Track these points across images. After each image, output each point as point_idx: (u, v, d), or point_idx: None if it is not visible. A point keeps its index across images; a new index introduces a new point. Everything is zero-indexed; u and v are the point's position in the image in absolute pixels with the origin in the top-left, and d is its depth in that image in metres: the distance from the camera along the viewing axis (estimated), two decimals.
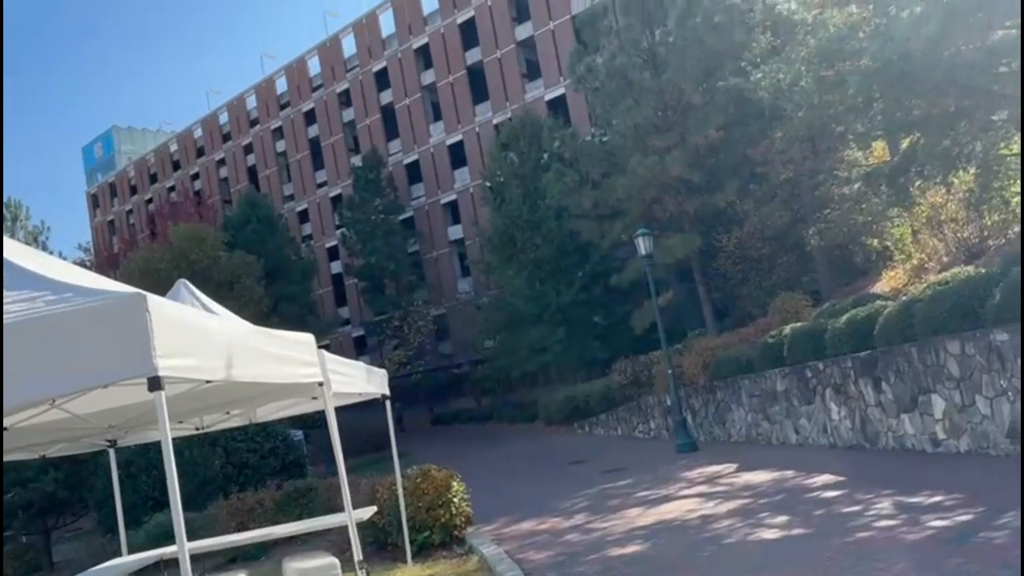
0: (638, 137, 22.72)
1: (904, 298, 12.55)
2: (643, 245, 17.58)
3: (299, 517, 12.73)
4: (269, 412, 8.99)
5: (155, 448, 19.41)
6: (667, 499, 10.78)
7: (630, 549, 8.03)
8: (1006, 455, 8.76)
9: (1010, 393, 8.75)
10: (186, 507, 13.66)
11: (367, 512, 8.73)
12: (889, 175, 13.31)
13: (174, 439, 13.20)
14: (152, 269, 33.33)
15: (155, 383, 3.23)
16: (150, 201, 65.80)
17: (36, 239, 40.50)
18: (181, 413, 6.65)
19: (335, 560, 7.41)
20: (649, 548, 7.93)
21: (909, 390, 10.70)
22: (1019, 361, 8.47)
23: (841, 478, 9.84)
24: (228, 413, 8.34)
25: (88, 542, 18.06)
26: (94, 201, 74.23)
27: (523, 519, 11.34)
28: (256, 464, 19.55)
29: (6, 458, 7.37)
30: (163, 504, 17.70)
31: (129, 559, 8.74)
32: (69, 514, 21.72)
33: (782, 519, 8.08)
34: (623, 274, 25.87)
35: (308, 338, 6.13)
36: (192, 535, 14.23)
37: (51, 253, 40.47)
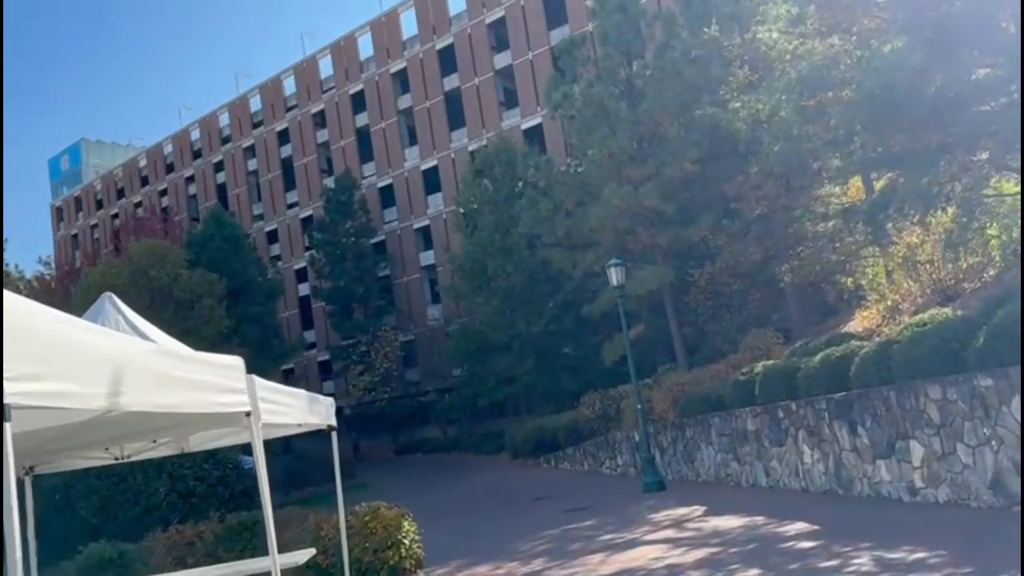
0: (613, 167, 22.39)
1: (881, 338, 12.16)
2: (615, 276, 17.11)
3: (243, 552, 11.88)
4: (203, 440, 8.27)
5: (96, 472, 18.44)
6: (631, 544, 10.16)
7: None
8: (988, 507, 8.27)
9: (993, 442, 8.29)
10: (124, 536, 12.74)
11: (304, 555, 8.00)
12: (867, 212, 12.99)
13: (94, 468, 12.19)
14: (110, 284, 32.17)
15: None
16: (116, 216, 64.47)
17: None
18: (94, 441, 5.94)
19: None
20: None
21: (886, 435, 10.22)
22: (1004, 407, 8.02)
23: (815, 527, 9.30)
24: (155, 441, 7.61)
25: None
26: (58, 214, 72.63)
27: (478, 562, 10.64)
28: (203, 492, 18.63)
29: None
30: (102, 532, 16.72)
31: None
32: None
33: (754, 572, 7.49)
34: (594, 305, 25.40)
35: (235, 361, 5.47)
36: (125, 569, 13.34)
37: (7, 265, 39.26)
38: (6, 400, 2.58)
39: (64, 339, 3.16)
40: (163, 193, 64.23)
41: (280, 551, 10.60)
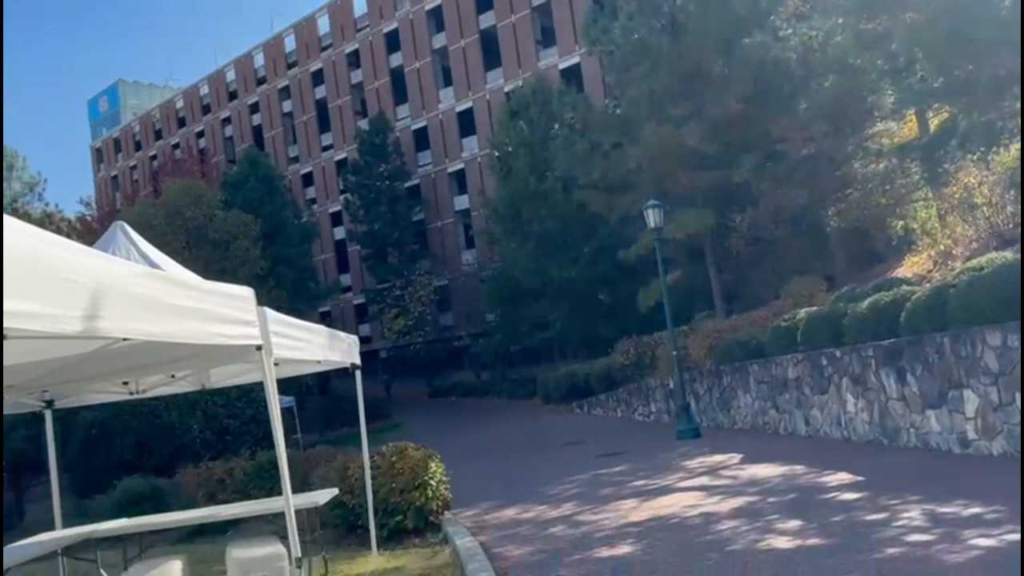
0: (653, 105, 21.53)
1: (933, 284, 11.52)
2: (653, 218, 16.52)
3: (272, 490, 11.83)
4: (224, 377, 8.04)
5: (131, 410, 18.61)
6: (665, 491, 9.83)
7: (620, 550, 7.08)
8: None
9: None
10: (158, 472, 12.72)
11: (325, 495, 7.79)
12: (924, 149, 12.19)
13: (129, 406, 12.21)
14: (147, 224, 32.32)
15: None
16: (154, 158, 64.77)
17: (32, 189, 39.67)
18: (105, 373, 5.67)
19: (282, 550, 6.47)
20: (642, 550, 6.98)
21: (938, 384, 9.68)
22: None
23: (859, 478, 8.85)
24: (173, 376, 7.39)
25: (61, 503, 17.25)
26: (98, 155, 73.25)
27: (507, 504, 10.42)
28: (236, 431, 18.74)
29: None
30: (136, 468, 16.90)
31: (55, 535, 7.83)
32: (42, 472, 20.96)
33: (795, 524, 7.11)
34: (630, 250, 24.76)
35: (244, 291, 5.12)
36: (158, 503, 13.43)
37: (48, 205, 39.68)
38: None
39: (31, 256, 2.79)
40: (200, 135, 64.27)
41: (308, 489, 10.51)
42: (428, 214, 49.77)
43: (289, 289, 35.92)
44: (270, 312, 5.42)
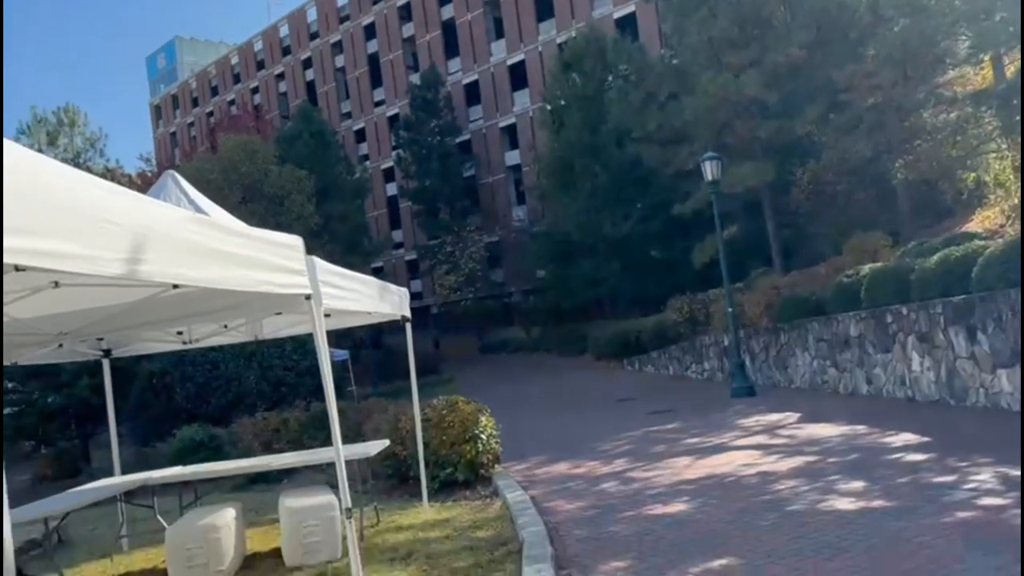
0: (711, 53, 20.79)
1: (1008, 238, 10.94)
2: (710, 170, 16.02)
3: (325, 440, 11.99)
4: (277, 328, 8.06)
5: (190, 360, 19.04)
6: (719, 449, 9.63)
7: (674, 508, 6.93)
8: None
9: None
10: (216, 421, 12.96)
11: (376, 447, 7.79)
12: (1001, 96, 11.48)
13: (189, 356, 12.46)
14: (204, 180, 32.78)
15: None
16: (211, 114, 65.58)
17: (93, 145, 40.51)
18: (155, 321, 5.67)
19: (333, 500, 6.50)
20: (696, 508, 6.82)
21: (1010, 342, 9.23)
22: None
23: (925, 438, 8.52)
24: (226, 327, 7.41)
25: (122, 450, 17.84)
26: (157, 112, 74.46)
27: (558, 459, 10.35)
28: (292, 382, 19.01)
29: None
30: (195, 417, 17.32)
31: (114, 481, 8.01)
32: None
33: (858, 485, 6.86)
34: (685, 205, 24.19)
35: (293, 240, 5.04)
36: (215, 451, 13.73)
37: (108, 161, 40.53)
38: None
39: (69, 196, 2.70)
40: (255, 91, 64.76)
41: (361, 441, 10.59)
42: (479, 170, 49.48)
43: (342, 245, 36.22)
44: (319, 261, 5.33)
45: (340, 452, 5.35)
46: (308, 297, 5.12)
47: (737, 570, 5.05)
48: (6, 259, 2.27)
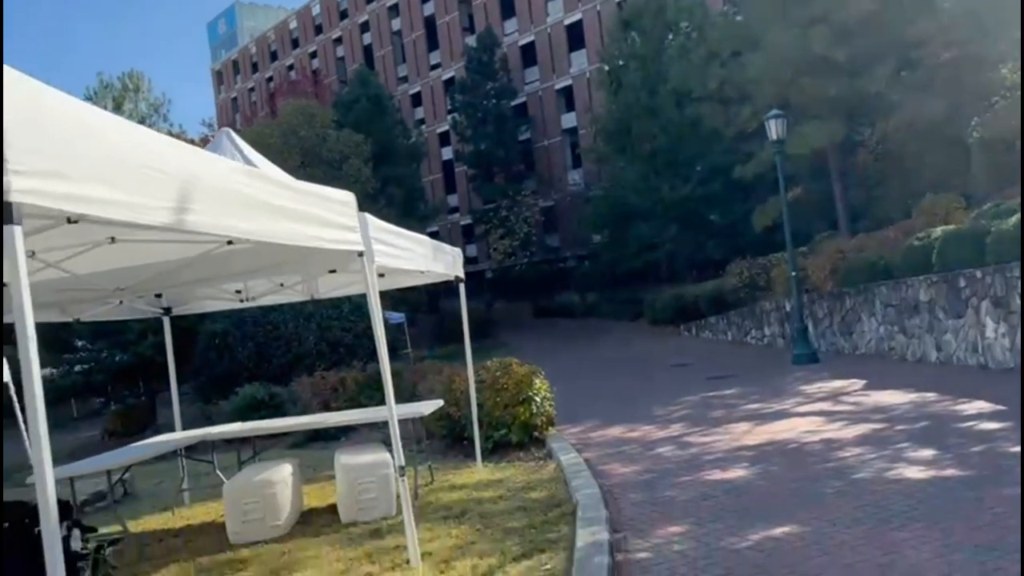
0: (777, 8, 19.97)
1: None
2: (775, 129, 15.47)
3: (382, 399, 12.09)
4: (332, 288, 8.07)
5: (252, 320, 19.42)
6: (781, 415, 9.37)
7: (733, 473, 6.76)
8: None
9: None
10: (276, 380, 13.17)
11: (429, 406, 7.78)
12: None
13: (250, 316, 12.62)
14: (264, 144, 33.16)
15: (6, 212, 2.09)
16: (270, 79, 66.19)
17: (157, 111, 41.30)
18: (209, 278, 5.67)
19: (388, 458, 6.51)
20: (757, 475, 6.63)
21: None
22: None
23: (1000, 407, 8.13)
24: (282, 285, 7.44)
25: (186, 408, 18.38)
26: (218, 78, 75.50)
27: (613, 423, 10.23)
28: (350, 343, 19.25)
29: (41, 317, 6.72)
30: (256, 376, 17.68)
31: (175, 436, 8.18)
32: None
33: (927, 453, 6.58)
34: (747, 167, 23.51)
35: (345, 196, 4.96)
36: (275, 409, 13.98)
37: (171, 126, 41.34)
38: (14, 199, 2.07)
39: (116, 142, 2.63)
40: (313, 55, 65.05)
41: (416, 400, 10.63)
42: (535, 133, 48.99)
43: (398, 209, 36.37)
44: (371, 218, 5.26)
45: (393, 411, 5.32)
46: (360, 254, 5.06)
47: (800, 538, 4.88)
48: (46, 204, 2.22)
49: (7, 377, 10.51)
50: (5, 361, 10.63)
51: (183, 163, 3.06)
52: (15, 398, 10.74)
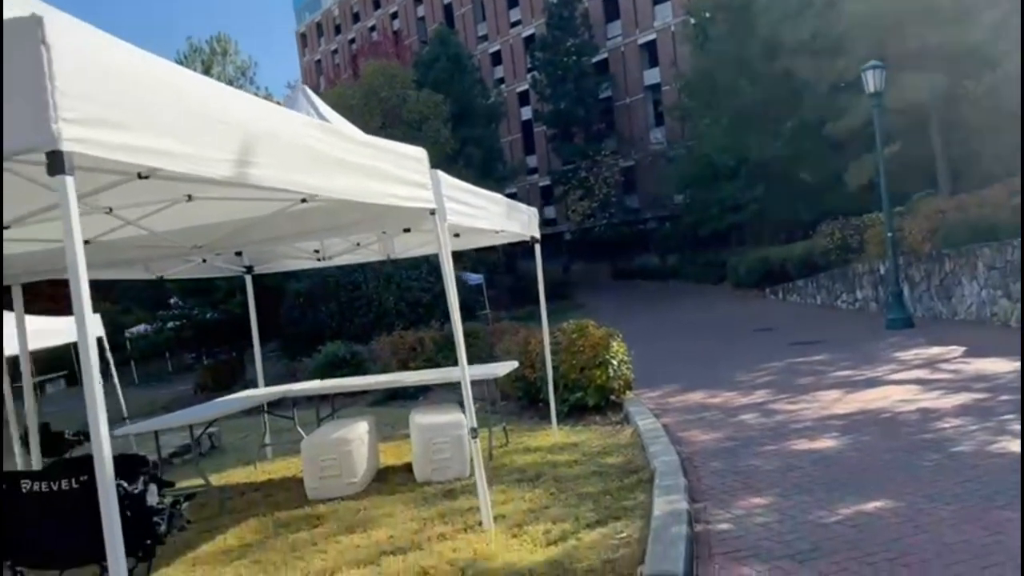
0: None
1: None
2: (872, 80, 14.58)
3: (457, 361, 12.13)
4: (409, 247, 8.01)
5: (335, 280, 19.77)
6: (873, 383, 8.92)
7: (822, 443, 6.44)
8: None
9: None
10: (357, 339, 13.39)
11: (504, 368, 7.68)
12: None
13: (333, 277, 12.80)
14: (345, 105, 33.50)
15: (56, 162, 2.02)
16: (353, 41, 66.70)
17: (244, 73, 42.20)
18: (283, 236, 5.61)
19: (462, 419, 6.45)
20: (847, 445, 6.30)
21: None
22: None
23: None
24: (358, 245, 7.42)
25: (272, 364, 18.95)
26: (303, 40, 76.55)
27: (693, 388, 9.96)
28: (428, 303, 19.41)
29: (113, 274, 6.90)
30: (339, 334, 18.04)
31: (257, 392, 8.34)
32: (262, 335, 23.00)
33: None
34: (841, 122, 22.35)
35: (417, 152, 4.84)
36: (356, 367, 14.21)
37: (257, 89, 42.19)
38: (65, 147, 1.99)
39: (176, 92, 2.54)
40: (394, 16, 65.15)
41: (493, 361, 10.59)
42: (616, 91, 47.96)
43: (476, 170, 36.30)
44: (444, 176, 5.13)
45: (466, 372, 5.24)
46: (433, 212, 4.94)
47: (895, 513, 4.58)
48: (100, 153, 2.14)
49: (100, 332, 10.96)
50: (99, 317, 11.07)
51: (248, 116, 2.96)
52: (108, 352, 11.18)
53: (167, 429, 7.02)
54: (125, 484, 3.75)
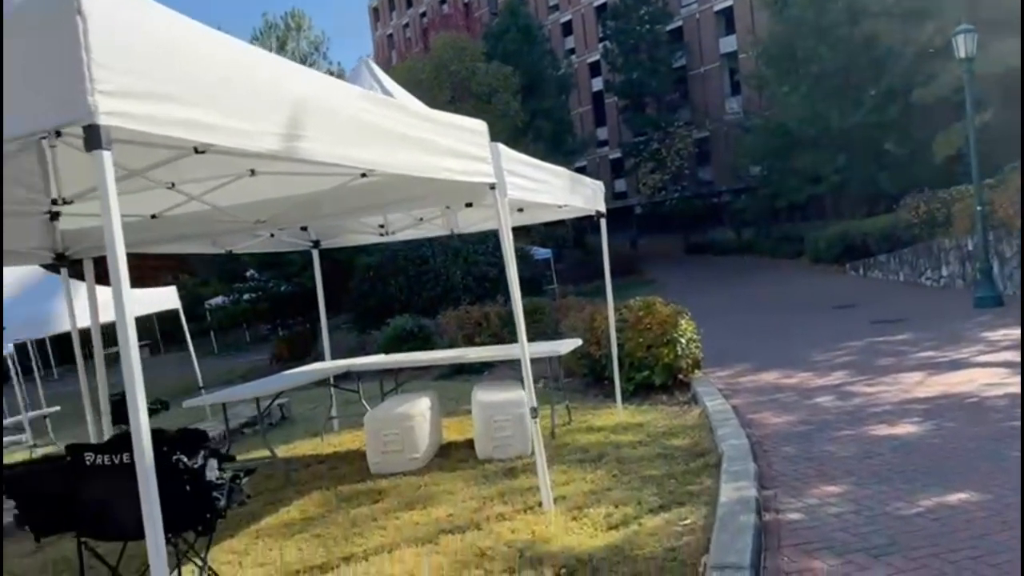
0: None
1: None
2: (963, 45, 13.72)
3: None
4: (472, 222, 7.92)
5: (403, 255, 19.91)
6: (958, 365, 8.45)
7: (902, 429, 6.12)
8: None
9: None
10: (426, 314, 13.46)
11: (567, 345, 7.54)
12: None
13: (402, 251, 12.81)
14: (415, 79, 33.57)
15: (93, 136, 1.96)
16: (424, 14, 66.72)
17: (317, 48, 42.71)
18: (346, 210, 5.57)
19: (523, 397, 6.35)
20: (930, 432, 5.96)
21: None
22: None
23: None
24: (421, 220, 7.37)
25: (343, 336, 19.27)
26: (375, 15, 76.98)
27: (766, 368, 9.64)
28: (495, 278, 19.35)
29: (180, 248, 7.01)
30: (407, 308, 18.19)
31: (324, 366, 8.42)
32: (333, 308, 23.42)
33: None
34: (928, 89, 21.26)
35: (477, 125, 4.71)
36: (423, 341, 14.30)
37: (330, 63, 42.76)
38: (102, 121, 1.93)
39: (220, 62, 2.46)
40: None
41: (558, 338, 10.47)
42: (690, 59, 46.72)
43: (545, 143, 36.00)
44: (504, 148, 4.98)
45: (525, 351, 5.14)
46: (492, 187, 4.81)
47: (980, 507, 4.30)
48: (138, 127, 2.07)
49: (176, 304, 11.25)
50: (174, 289, 11.35)
51: (298, 88, 2.88)
52: (184, 323, 11.48)
53: (239, 400, 7.15)
54: (185, 458, 3.77)
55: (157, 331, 34.23)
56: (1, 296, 5.44)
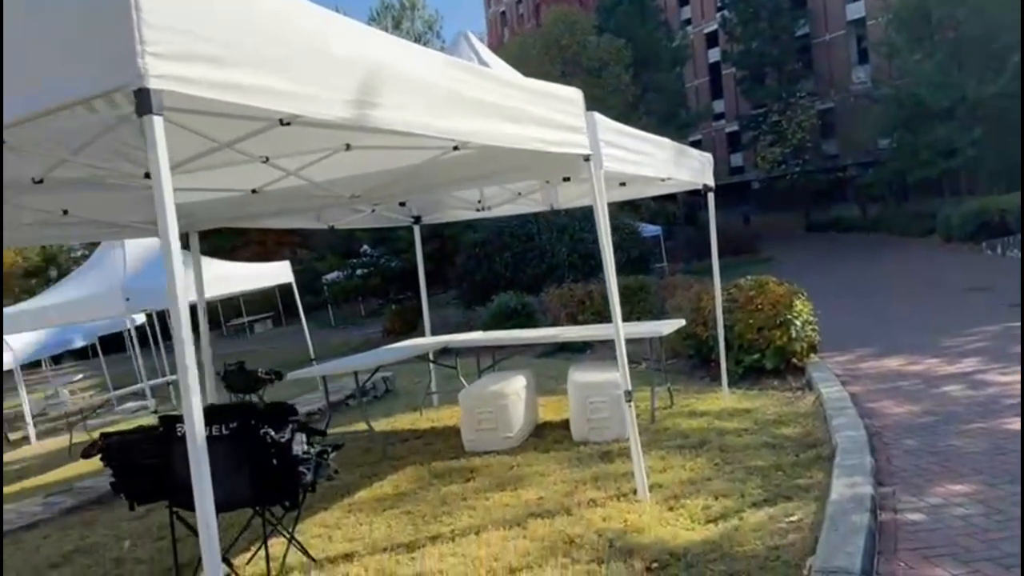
0: None
1: None
2: None
3: (629, 315, 11.77)
4: (572, 198, 7.72)
5: (510, 231, 19.89)
6: None
7: None
8: None
9: None
10: (530, 291, 13.41)
11: (669, 326, 7.22)
12: None
13: (508, 228, 12.77)
14: (525, 55, 33.37)
15: (144, 100, 1.88)
16: None
17: (431, 27, 43.05)
18: (439, 183, 5.46)
19: (617, 379, 6.11)
20: None
21: None
22: None
23: None
24: (519, 195, 7.21)
25: (451, 312, 19.47)
26: None
27: (889, 353, 8.99)
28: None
29: (282, 223, 7.11)
30: (512, 284, 18.17)
31: (422, 342, 8.43)
32: (441, 283, 23.76)
33: None
34: None
35: (571, 93, 4.48)
36: (527, 318, 14.23)
37: (444, 42, 43.17)
38: (152, 85, 1.84)
39: (284, 24, 2.35)
40: None
41: (665, 317, 10.15)
42: (814, 27, 44.33)
43: (658, 117, 35.10)
44: (600, 118, 4.74)
45: (620, 332, 4.93)
46: (587, 158, 4.58)
47: None
48: (193, 91, 1.98)
49: (290, 278, 11.57)
50: (287, 264, 11.67)
51: (372, 53, 2.75)
52: (297, 298, 11.80)
53: (343, 373, 7.23)
54: (272, 432, 3.78)
55: (280, 304, 35.76)
56: (1, 296, 5.64)
